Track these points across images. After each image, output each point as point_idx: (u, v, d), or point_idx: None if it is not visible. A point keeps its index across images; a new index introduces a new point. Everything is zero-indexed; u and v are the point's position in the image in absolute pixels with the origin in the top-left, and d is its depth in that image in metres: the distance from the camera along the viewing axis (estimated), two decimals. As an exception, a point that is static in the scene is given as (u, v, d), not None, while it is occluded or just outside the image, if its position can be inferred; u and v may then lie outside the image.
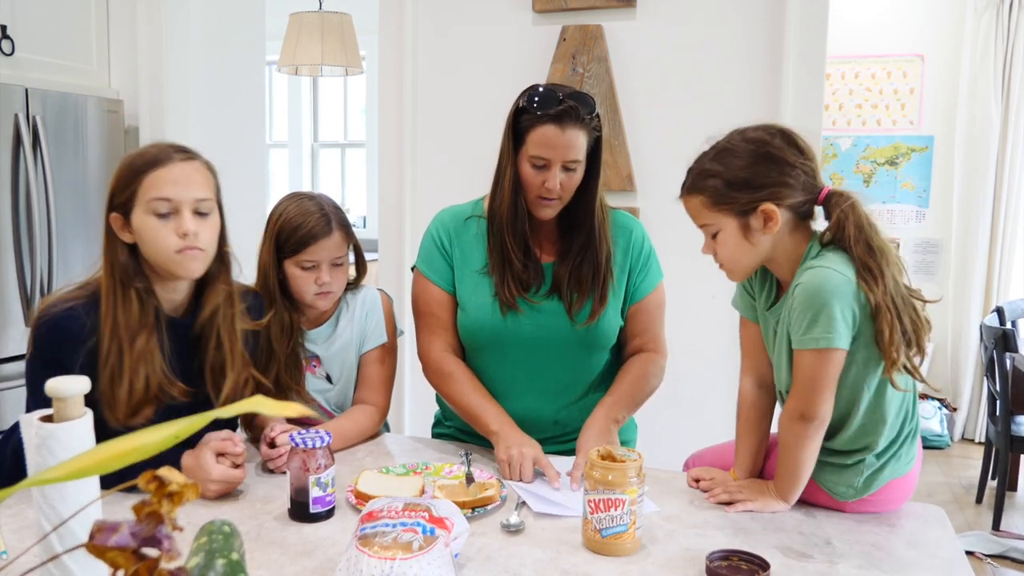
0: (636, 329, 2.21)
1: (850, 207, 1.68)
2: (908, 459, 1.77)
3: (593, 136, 2.02)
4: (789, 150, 1.70)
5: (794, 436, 1.73)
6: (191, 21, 4.14)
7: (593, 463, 1.58)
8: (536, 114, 1.97)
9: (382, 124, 3.64)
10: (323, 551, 1.56)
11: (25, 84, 3.47)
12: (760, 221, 1.70)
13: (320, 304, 2.20)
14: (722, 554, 1.52)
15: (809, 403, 1.69)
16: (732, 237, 1.74)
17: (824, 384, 1.68)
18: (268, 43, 4.79)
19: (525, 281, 2.12)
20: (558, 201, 2.04)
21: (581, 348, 2.14)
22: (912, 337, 1.66)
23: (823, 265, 1.67)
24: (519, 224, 2.08)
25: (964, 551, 1.66)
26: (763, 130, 1.73)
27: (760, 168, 1.69)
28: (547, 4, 3.31)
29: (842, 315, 1.63)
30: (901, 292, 1.67)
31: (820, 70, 3.03)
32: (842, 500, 1.76)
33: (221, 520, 1.35)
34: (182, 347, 1.88)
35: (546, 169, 1.98)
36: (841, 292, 1.63)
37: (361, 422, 2.21)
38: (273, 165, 7.99)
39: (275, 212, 2.20)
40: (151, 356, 1.78)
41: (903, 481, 1.77)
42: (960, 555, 1.60)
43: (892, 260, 1.67)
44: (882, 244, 1.67)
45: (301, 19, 4.96)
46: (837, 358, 1.66)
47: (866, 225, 1.67)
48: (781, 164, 1.69)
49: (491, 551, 1.57)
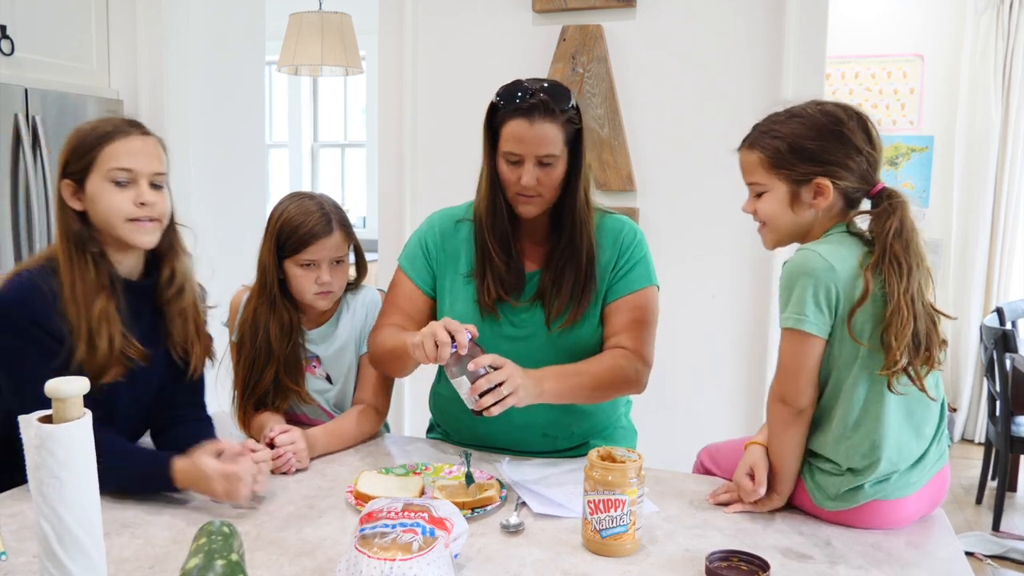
0: (611, 330, 2.09)
1: (900, 203, 1.66)
2: (901, 485, 1.68)
3: (571, 129, 1.97)
4: (860, 135, 1.68)
5: (776, 419, 1.73)
6: (191, 21, 4.14)
7: (593, 464, 1.58)
8: (507, 109, 1.95)
9: (382, 124, 3.65)
10: (323, 551, 1.56)
11: (25, 84, 3.48)
12: (811, 194, 1.69)
13: (320, 304, 2.20)
14: (722, 554, 1.52)
15: (786, 387, 1.69)
16: (779, 202, 1.73)
17: (797, 368, 1.67)
18: (268, 43, 4.80)
19: (507, 284, 2.07)
20: (539, 198, 1.99)
21: (562, 356, 2.04)
22: (923, 343, 1.62)
23: (810, 247, 1.67)
24: (498, 223, 2.05)
25: (964, 552, 1.66)
26: (841, 108, 1.70)
27: (828, 143, 1.67)
28: (547, 4, 3.31)
29: (813, 298, 1.62)
30: (923, 300, 1.64)
31: (820, 70, 3.03)
32: (818, 506, 1.73)
33: (220, 520, 1.35)
34: (140, 309, 1.90)
35: (520, 165, 1.95)
36: (815, 274, 1.62)
37: (361, 423, 2.21)
38: (273, 165, 8.00)
39: (275, 212, 2.20)
40: (111, 318, 1.81)
41: (891, 506, 1.69)
42: (960, 556, 1.60)
43: (923, 268, 1.65)
44: (920, 250, 1.64)
45: (301, 19, 4.96)
46: (807, 343, 1.65)
47: (909, 226, 1.64)
48: (848, 145, 1.67)
49: (491, 552, 1.57)
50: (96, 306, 1.79)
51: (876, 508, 1.69)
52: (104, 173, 1.79)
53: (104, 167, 1.79)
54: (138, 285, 1.91)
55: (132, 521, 1.68)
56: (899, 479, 1.68)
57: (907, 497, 1.69)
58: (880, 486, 1.67)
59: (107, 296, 1.81)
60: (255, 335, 2.19)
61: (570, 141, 1.98)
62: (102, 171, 1.79)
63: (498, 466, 2.02)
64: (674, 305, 2.22)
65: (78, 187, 1.81)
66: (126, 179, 1.80)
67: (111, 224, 1.80)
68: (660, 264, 2.19)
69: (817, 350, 1.66)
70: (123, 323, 1.83)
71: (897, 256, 1.61)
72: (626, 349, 2.06)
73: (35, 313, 1.75)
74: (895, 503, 1.69)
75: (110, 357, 1.80)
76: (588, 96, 3.26)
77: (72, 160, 1.81)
